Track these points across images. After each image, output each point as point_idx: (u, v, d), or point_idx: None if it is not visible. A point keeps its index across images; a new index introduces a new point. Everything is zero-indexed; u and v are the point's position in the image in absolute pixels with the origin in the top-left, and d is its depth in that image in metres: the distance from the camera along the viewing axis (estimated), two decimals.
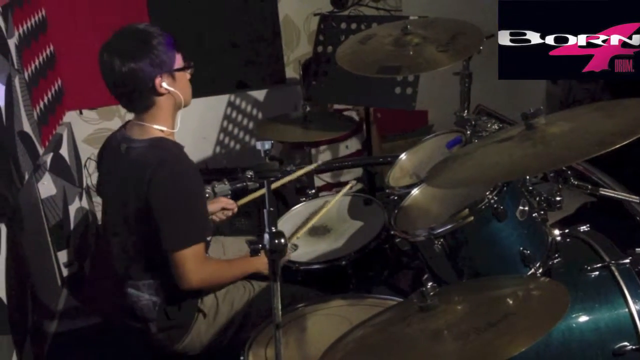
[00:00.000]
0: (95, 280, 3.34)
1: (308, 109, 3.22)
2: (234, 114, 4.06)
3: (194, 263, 2.06)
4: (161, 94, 2.09)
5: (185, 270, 2.06)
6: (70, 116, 3.79)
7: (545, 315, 1.40)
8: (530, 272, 1.88)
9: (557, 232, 2.01)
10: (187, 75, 2.17)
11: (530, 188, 2.03)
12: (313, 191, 3.02)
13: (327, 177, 3.80)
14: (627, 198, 2.18)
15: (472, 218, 1.85)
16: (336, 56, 2.56)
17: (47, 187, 3.03)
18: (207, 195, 2.60)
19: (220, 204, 2.54)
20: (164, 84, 2.07)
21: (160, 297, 2.15)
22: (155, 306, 2.15)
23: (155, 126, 2.12)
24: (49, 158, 3.11)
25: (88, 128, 3.90)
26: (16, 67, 2.92)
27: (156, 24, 2.16)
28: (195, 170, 2.13)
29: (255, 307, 2.25)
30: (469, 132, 2.49)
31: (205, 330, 2.22)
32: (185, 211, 2.06)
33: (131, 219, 2.11)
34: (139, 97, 2.08)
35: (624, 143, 1.51)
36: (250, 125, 4.10)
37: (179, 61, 2.12)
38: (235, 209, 2.58)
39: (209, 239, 2.21)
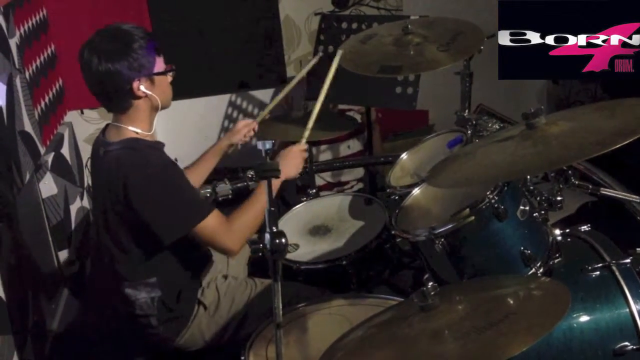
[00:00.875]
0: (95, 279, 3.35)
1: (309, 108, 3.21)
2: (235, 114, 4.06)
3: (220, 229, 2.09)
4: (139, 97, 2.09)
5: (218, 239, 2.10)
6: (71, 116, 3.79)
7: (546, 315, 1.40)
8: (531, 272, 1.88)
9: (557, 231, 2.01)
10: (167, 78, 2.16)
11: (531, 188, 2.03)
12: (314, 191, 3.02)
13: (327, 177, 3.80)
14: (628, 198, 2.18)
15: (472, 218, 1.85)
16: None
17: (48, 186, 3.03)
18: (207, 195, 2.61)
19: (239, 135, 2.64)
20: (142, 87, 2.07)
21: (159, 293, 2.17)
22: (154, 301, 2.17)
23: (131, 128, 2.13)
24: (50, 158, 3.11)
25: (89, 128, 3.90)
26: (17, 66, 2.92)
27: (157, 24, 2.16)
28: (167, 164, 2.12)
29: (257, 304, 2.26)
30: (469, 132, 2.49)
31: (206, 324, 2.23)
32: (173, 199, 2.06)
33: (115, 221, 2.12)
34: (116, 98, 2.09)
35: (625, 143, 1.51)
36: None
37: (159, 65, 2.11)
38: (256, 126, 2.69)
39: None
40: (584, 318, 1.84)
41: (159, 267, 2.15)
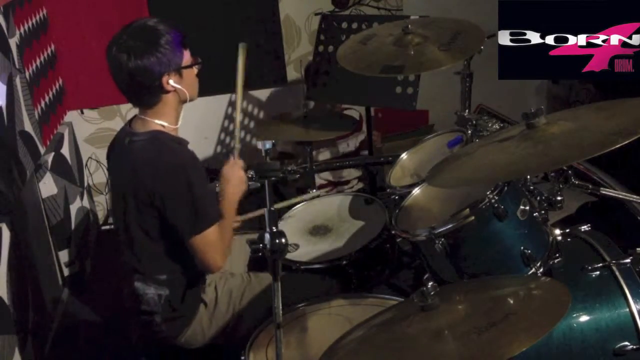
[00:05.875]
0: (97, 278, 3.35)
1: (310, 106, 3.22)
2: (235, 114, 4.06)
3: (217, 243, 2.09)
4: (168, 92, 2.11)
5: (211, 253, 2.09)
6: (71, 116, 3.80)
7: (546, 315, 1.40)
8: (531, 272, 1.88)
9: (558, 231, 2.02)
10: (194, 70, 2.18)
11: (531, 188, 2.03)
12: (314, 191, 3.01)
13: (328, 176, 3.80)
14: (628, 198, 2.18)
15: (472, 217, 1.85)
16: (337, 56, 2.55)
17: (48, 186, 3.03)
18: None
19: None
20: (171, 82, 2.09)
21: (166, 291, 2.17)
22: (160, 299, 2.17)
23: (157, 121, 2.14)
24: (50, 157, 3.11)
25: (89, 127, 3.91)
26: (17, 66, 2.93)
27: None
28: (194, 159, 2.14)
29: (254, 299, 2.27)
30: (469, 132, 2.49)
31: (207, 321, 2.24)
32: (193, 198, 2.07)
33: (135, 212, 2.12)
34: (145, 93, 2.10)
35: (625, 143, 1.51)
36: (252, 124, 4.10)
37: (186, 58, 2.14)
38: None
39: None
40: (584, 318, 1.84)
41: (170, 265, 2.15)
